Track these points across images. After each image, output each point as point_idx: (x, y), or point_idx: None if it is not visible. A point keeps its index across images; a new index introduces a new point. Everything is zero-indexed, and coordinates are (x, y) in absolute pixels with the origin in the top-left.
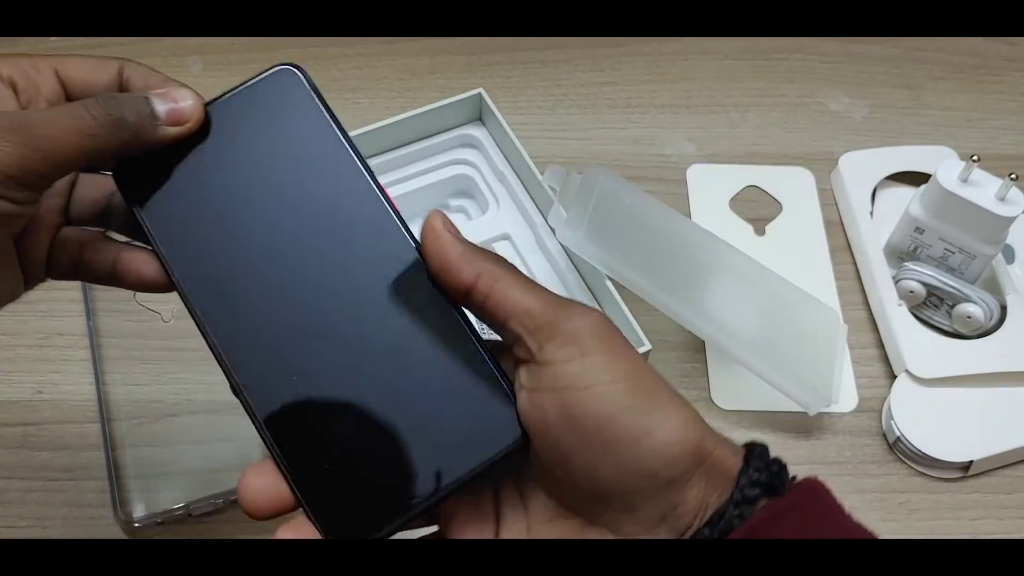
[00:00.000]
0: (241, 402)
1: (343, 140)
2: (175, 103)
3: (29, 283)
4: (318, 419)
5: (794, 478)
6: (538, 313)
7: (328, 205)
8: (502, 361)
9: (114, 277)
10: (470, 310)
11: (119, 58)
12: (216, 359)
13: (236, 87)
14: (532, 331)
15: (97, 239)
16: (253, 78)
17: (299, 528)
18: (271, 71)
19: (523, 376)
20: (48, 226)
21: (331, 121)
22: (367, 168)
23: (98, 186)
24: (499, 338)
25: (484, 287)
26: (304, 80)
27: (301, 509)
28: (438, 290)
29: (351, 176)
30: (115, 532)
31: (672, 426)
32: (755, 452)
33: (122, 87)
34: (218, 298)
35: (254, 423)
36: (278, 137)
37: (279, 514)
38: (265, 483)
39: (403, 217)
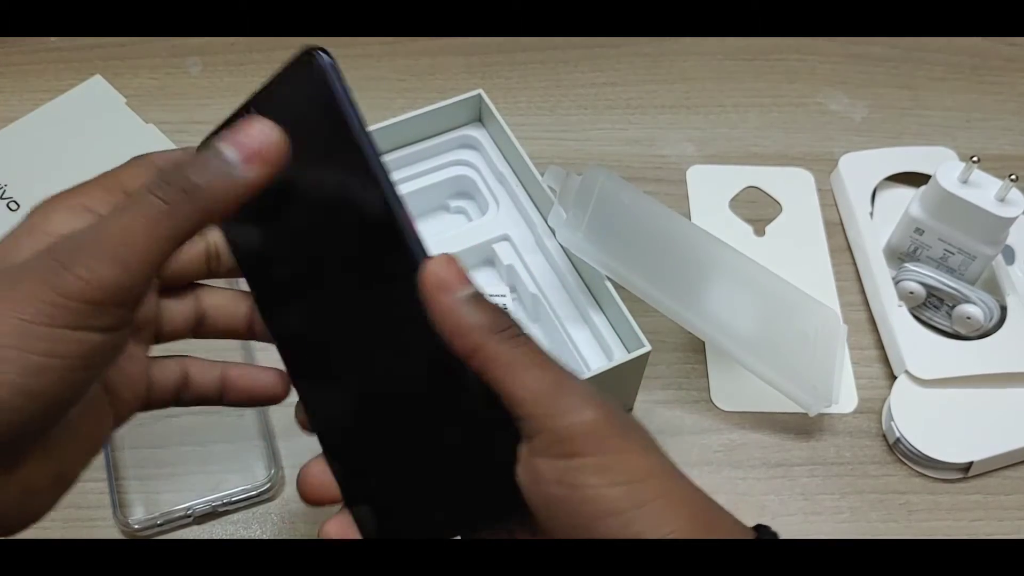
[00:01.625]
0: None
1: (360, 144)
2: (247, 140)
3: (118, 422)
4: (360, 441)
5: None
6: (529, 404)
7: (343, 223)
8: None
9: (222, 398)
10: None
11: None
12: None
13: (268, 79)
14: (524, 419)
15: (195, 362)
16: (281, 68)
17: (343, 526)
18: (294, 58)
19: (523, 450)
20: (141, 358)
21: (349, 119)
22: (387, 176)
23: (181, 305)
24: None
25: (477, 366)
26: (325, 69)
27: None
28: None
29: (366, 191)
30: (115, 533)
31: (668, 532)
32: (767, 536)
33: None
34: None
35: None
36: (298, 142)
37: (327, 503)
38: (320, 473)
39: (417, 232)
